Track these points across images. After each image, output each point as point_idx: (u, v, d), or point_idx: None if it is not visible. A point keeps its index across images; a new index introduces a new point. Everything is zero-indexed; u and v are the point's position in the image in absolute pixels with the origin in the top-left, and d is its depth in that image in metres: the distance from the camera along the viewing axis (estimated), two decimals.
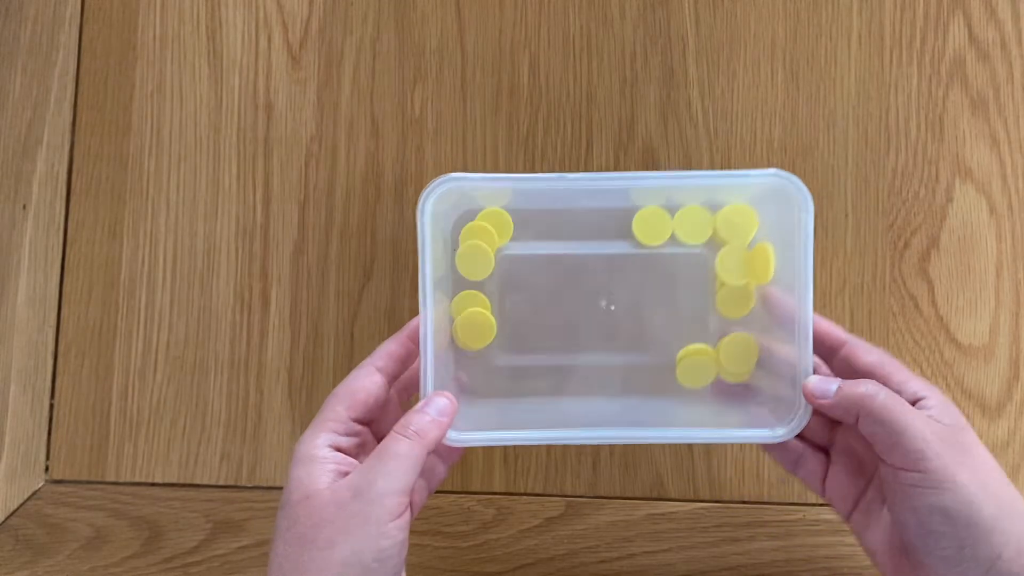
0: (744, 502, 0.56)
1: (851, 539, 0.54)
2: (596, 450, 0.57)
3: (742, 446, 0.56)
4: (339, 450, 0.42)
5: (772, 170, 0.45)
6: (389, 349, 0.45)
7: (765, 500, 0.55)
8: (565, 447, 0.57)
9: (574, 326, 0.50)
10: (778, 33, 0.58)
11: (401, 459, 0.40)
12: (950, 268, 0.56)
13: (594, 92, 0.59)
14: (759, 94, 0.58)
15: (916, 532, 0.40)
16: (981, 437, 0.55)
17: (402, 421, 0.42)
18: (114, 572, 0.58)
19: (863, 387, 0.41)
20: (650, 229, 0.49)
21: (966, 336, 0.56)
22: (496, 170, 0.59)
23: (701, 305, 0.50)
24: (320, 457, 0.41)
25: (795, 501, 0.55)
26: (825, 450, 0.46)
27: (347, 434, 0.43)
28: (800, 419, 0.44)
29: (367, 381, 0.44)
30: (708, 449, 0.56)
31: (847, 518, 0.45)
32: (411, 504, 0.42)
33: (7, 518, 0.59)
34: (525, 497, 0.57)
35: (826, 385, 0.43)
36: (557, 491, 0.57)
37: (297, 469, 0.41)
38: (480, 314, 0.49)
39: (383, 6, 0.61)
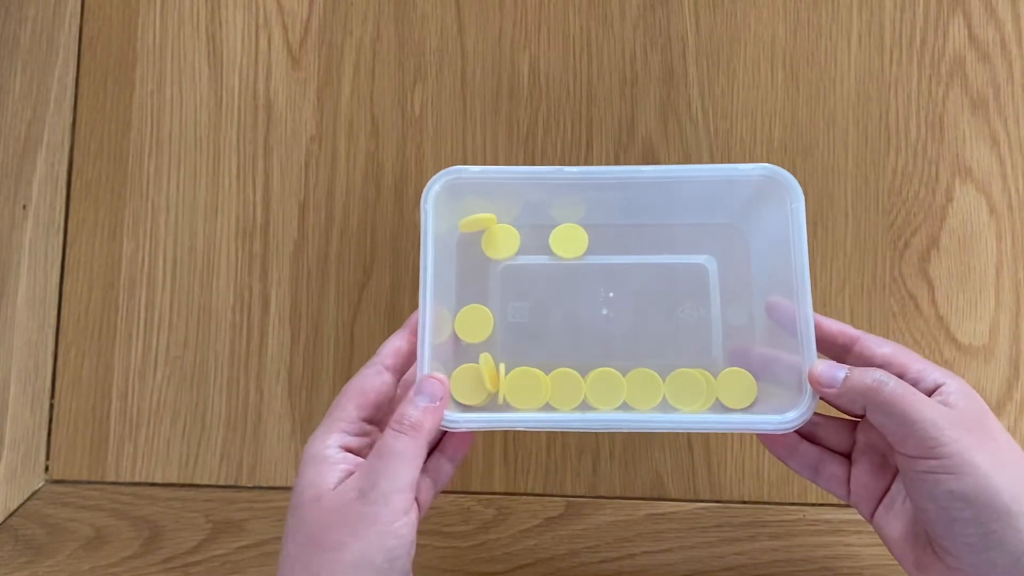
0: (744, 502, 0.56)
1: (851, 539, 0.54)
2: (596, 450, 0.57)
3: (743, 445, 0.56)
4: (349, 450, 0.42)
5: (761, 165, 0.45)
6: (395, 346, 0.45)
7: (765, 500, 0.55)
8: (565, 448, 0.57)
9: (574, 336, 0.50)
10: (778, 33, 0.58)
11: (400, 456, 0.40)
12: (950, 268, 0.56)
13: (594, 92, 0.59)
14: (759, 94, 0.58)
15: (938, 520, 0.39)
16: None
17: (396, 415, 0.42)
18: (114, 572, 0.58)
19: (871, 376, 0.40)
20: (642, 395, 0.48)
21: (966, 336, 0.56)
22: None
23: (702, 316, 0.50)
24: (330, 458, 0.41)
25: (795, 501, 0.55)
26: (845, 454, 0.45)
27: (357, 434, 0.43)
28: (808, 405, 0.42)
29: (377, 380, 0.44)
30: (708, 449, 0.56)
31: (871, 517, 0.44)
32: (418, 503, 0.42)
33: (7, 518, 0.59)
34: (525, 497, 0.57)
35: (833, 372, 0.41)
36: (557, 491, 0.57)
37: (308, 469, 0.41)
38: (478, 309, 0.50)
39: (383, 6, 0.61)
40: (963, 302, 0.56)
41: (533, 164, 0.59)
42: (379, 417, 0.44)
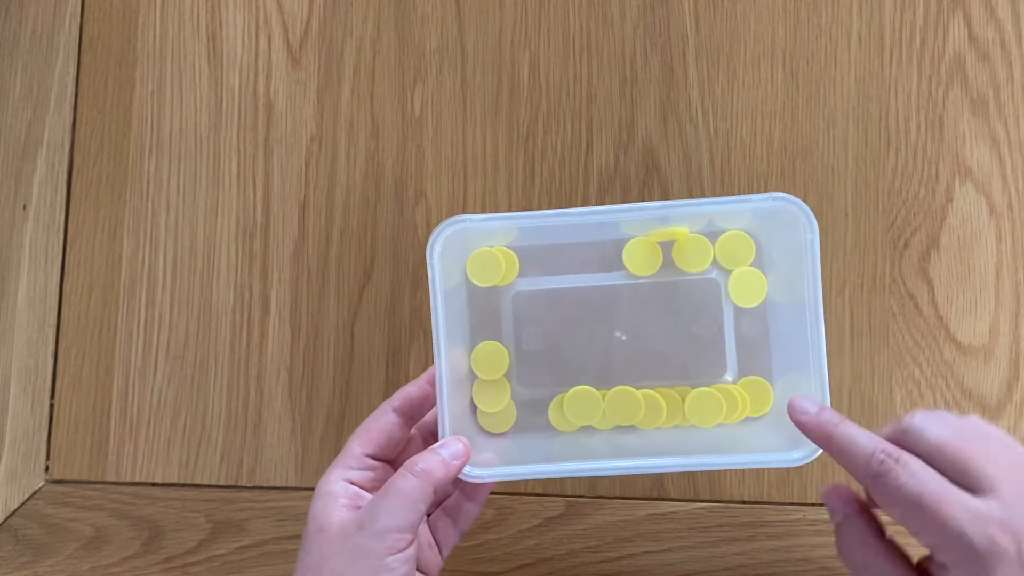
0: (744, 502, 0.56)
1: None
2: None
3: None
4: (352, 483, 0.44)
5: (773, 194, 0.45)
6: (406, 391, 0.47)
7: (765, 500, 0.55)
8: None
9: (589, 359, 0.50)
10: (778, 33, 0.58)
11: (403, 496, 0.42)
12: (950, 268, 0.56)
13: (594, 92, 0.59)
14: (759, 94, 0.58)
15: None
16: None
17: (411, 459, 0.44)
18: (114, 572, 0.58)
19: (839, 423, 0.41)
20: (641, 260, 0.49)
21: (966, 336, 0.56)
22: (496, 171, 0.59)
23: (715, 331, 0.50)
24: (334, 492, 0.43)
25: (795, 501, 0.55)
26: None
27: (361, 468, 0.45)
28: (815, 447, 0.43)
29: (382, 419, 0.46)
30: None
31: None
32: (437, 543, 0.46)
33: (7, 518, 0.59)
34: (525, 497, 0.57)
35: (808, 405, 0.42)
36: (557, 491, 0.57)
37: (315, 503, 0.43)
38: (492, 345, 0.50)
39: (383, 6, 0.61)
40: (963, 302, 0.56)
41: (533, 164, 0.59)
42: (384, 455, 0.46)
